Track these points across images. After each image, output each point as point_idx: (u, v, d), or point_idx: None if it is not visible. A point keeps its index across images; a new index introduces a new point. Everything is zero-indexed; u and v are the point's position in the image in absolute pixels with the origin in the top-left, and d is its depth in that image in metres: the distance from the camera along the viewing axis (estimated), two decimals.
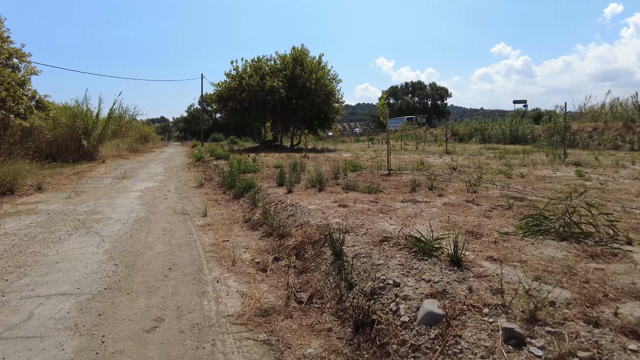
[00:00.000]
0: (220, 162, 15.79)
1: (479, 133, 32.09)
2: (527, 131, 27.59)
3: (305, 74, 24.20)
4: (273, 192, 7.49)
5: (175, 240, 5.13)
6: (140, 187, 10.47)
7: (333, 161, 15.17)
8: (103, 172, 14.50)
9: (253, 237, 5.29)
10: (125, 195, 9.08)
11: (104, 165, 18.11)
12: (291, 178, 8.24)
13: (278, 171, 11.25)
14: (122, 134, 32.46)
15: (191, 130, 66.93)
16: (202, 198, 8.62)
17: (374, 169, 11.03)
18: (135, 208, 7.42)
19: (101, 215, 6.78)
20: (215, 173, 12.71)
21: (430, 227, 4.20)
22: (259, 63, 25.63)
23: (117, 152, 26.20)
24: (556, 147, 21.67)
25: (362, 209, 5.21)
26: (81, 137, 21.04)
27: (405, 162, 14.12)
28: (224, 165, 14.19)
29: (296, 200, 6.20)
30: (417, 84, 73.33)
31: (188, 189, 10.17)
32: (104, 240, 5.14)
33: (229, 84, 25.05)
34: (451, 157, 15.75)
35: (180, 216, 6.67)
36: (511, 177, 9.30)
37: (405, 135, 43.68)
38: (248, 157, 17.17)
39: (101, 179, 12.40)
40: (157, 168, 16.39)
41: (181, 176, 13.12)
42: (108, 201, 8.22)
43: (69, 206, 7.61)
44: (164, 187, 10.52)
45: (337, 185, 7.82)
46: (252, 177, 9.86)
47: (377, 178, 9.16)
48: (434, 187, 7.19)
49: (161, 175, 13.57)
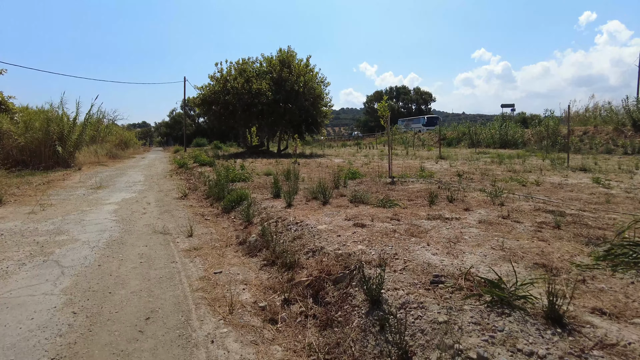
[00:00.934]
0: (205, 169, 14.66)
1: (468, 137, 31.58)
2: (517, 135, 27.15)
3: (293, 77, 23.21)
4: (269, 205, 6.47)
5: (154, 273, 4.07)
6: (116, 198, 9.30)
7: (326, 167, 14.21)
8: (77, 181, 13.21)
9: (252, 266, 4.26)
10: (99, 209, 7.93)
11: (79, 173, 16.76)
12: (289, 189, 7.25)
13: (270, 180, 10.23)
14: (100, 139, 30.90)
15: (173, 135, 65.17)
16: (187, 212, 7.53)
17: (374, 177, 10.11)
18: (108, 226, 6.29)
19: (66, 236, 5.65)
20: (200, 182, 11.59)
21: (485, 256, 3.27)
22: (244, 65, 24.52)
23: (95, 158, 24.72)
24: (548, 150, 21.20)
25: (386, 230, 4.24)
26: (56, 143, 19.60)
27: (402, 168, 13.25)
28: (210, 172, 13.09)
29: (300, 217, 5.20)
30: (401, 89, 72.91)
31: (170, 200, 9.06)
32: (64, 274, 4.04)
33: (213, 87, 23.87)
34: (449, 163, 14.95)
35: (161, 237, 5.59)
36: (525, 185, 8.48)
37: (392, 140, 43.08)
38: (235, 164, 16.07)
39: (74, 189, 11.16)
40: (137, 176, 15.15)
41: (163, 185, 11.96)
42: (78, 217, 7.06)
43: (30, 224, 6.44)
44: (143, 198, 9.37)
45: (342, 197, 6.85)
46: (242, 187, 8.81)
47: (381, 187, 8.22)
48: (453, 198, 6.28)
49: (141, 184, 12.38)
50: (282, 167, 14.03)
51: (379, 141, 41.40)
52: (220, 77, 24.30)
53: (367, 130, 70.62)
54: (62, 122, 21.28)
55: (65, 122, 21.62)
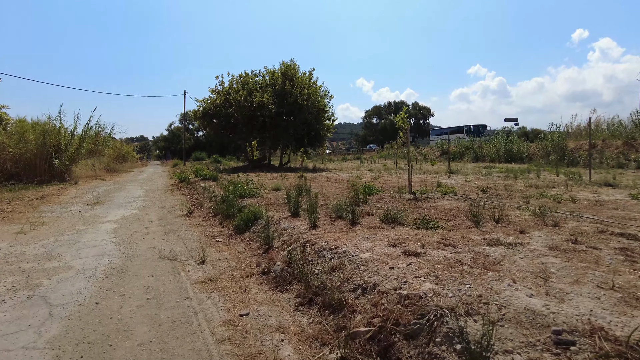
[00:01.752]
0: (208, 183, 13.86)
1: (471, 152, 31.00)
2: (523, 150, 26.57)
3: (296, 90, 22.59)
4: (289, 225, 5.68)
5: (165, 314, 3.26)
6: (115, 216, 8.48)
7: (335, 182, 13.45)
8: (73, 196, 12.37)
9: (284, 304, 3.45)
10: (96, 228, 7.10)
11: (75, 187, 15.91)
12: (307, 206, 6.48)
13: (281, 195, 9.46)
14: (98, 152, 30.07)
15: (172, 149, 64.39)
16: (194, 232, 6.72)
17: (393, 193, 9.35)
18: (107, 249, 5.47)
19: (58, 262, 4.82)
20: (204, 197, 10.79)
21: (599, 299, 2.51)
22: (246, 78, 23.90)
23: (93, 172, 23.88)
24: (556, 165, 20.58)
25: (447, 261, 3.47)
26: (52, 156, 18.76)
27: (415, 182, 12.52)
28: (214, 187, 12.30)
29: (332, 241, 4.42)
30: (399, 104, 72.65)
31: (174, 218, 8.24)
32: (52, 316, 3.22)
33: (214, 100, 23.18)
34: (464, 178, 14.22)
35: (168, 263, 4.77)
36: (561, 202, 7.76)
37: (393, 154, 42.50)
38: (239, 178, 15.29)
39: (69, 204, 10.32)
40: (137, 191, 14.31)
41: (165, 201, 11.14)
42: (72, 238, 6.23)
43: (16, 247, 5.61)
44: (144, 215, 8.55)
45: (369, 216, 6.07)
46: (252, 204, 8.03)
47: (405, 204, 7.46)
48: (499, 218, 5.52)
49: (141, 199, 11.55)
50: (290, 182, 13.27)
51: (381, 155, 40.78)
52: (221, 90, 23.65)
53: (365, 145, 70.19)
54: (60, 134, 20.51)
55: (63, 135, 20.85)
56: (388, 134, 66.20)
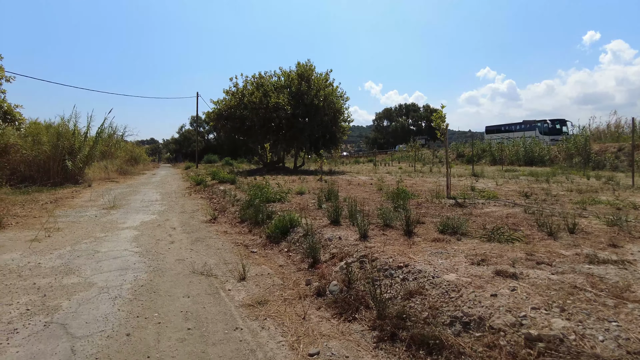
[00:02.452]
0: (226, 186, 13.26)
1: (489, 154, 30.16)
2: (544, 152, 25.69)
3: (312, 91, 21.96)
4: (333, 235, 5.02)
5: (215, 353, 2.60)
6: (134, 221, 7.89)
7: (358, 185, 12.79)
8: (88, 199, 11.84)
9: (358, 340, 2.78)
10: (115, 235, 6.50)
11: (89, 190, 15.41)
12: (350, 212, 5.83)
13: (309, 199, 8.82)
14: (111, 155, 29.73)
15: (183, 152, 64.12)
16: (223, 241, 6.08)
17: (429, 197, 8.67)
18: (130, 262, 4.85)
19: (77, 277, 4.21)
20: (226, 201, 10.17)
21: None
22: (261, 79, 23.35)
23: (106, 174, 23.46)
24: (583, 168, 19.73)
25: (555, 284, 2.78)
26: (65, 158, 18.34)
27: (442, 186, 11.82)
28: (233, 190, 11.70)
29: (397, 257, 3.75)
30: (410, 106, 71.73)
31: (198, 224, 7.63)
32: (75, 354, 2.58)
33: (228, 102, 22.62)
34: (494, 181, 13.46)
35: (204, 280, 4.13)
36: (621, 209, 7.03)
37: (406, 157, 41.73)
38: (256, 181, 14.69)
39: (84, 208, 9.77)
40: (152, 194, 13.77)
41: (184, 205, 10.54)
42: (90, 247, 5.64)
43: (31, 257, 5.02)
44: (165, 221, 7.95)
45: (420, 224, 5.39)
46: (282, 209, 7.40)
47: (449, 211, 6.78)
48: (573, 228, 4.82)
49: (159, 203, 10.98)
50: (311, 185, 12.63)
51: (394, 158, 40.02)
52: (235, 92, 23.09)
53: (377, 147, 69.37)
54: (73, 136, 20.11)
55: (76, 137, 20.45)
56: (399, 136, 65.37)
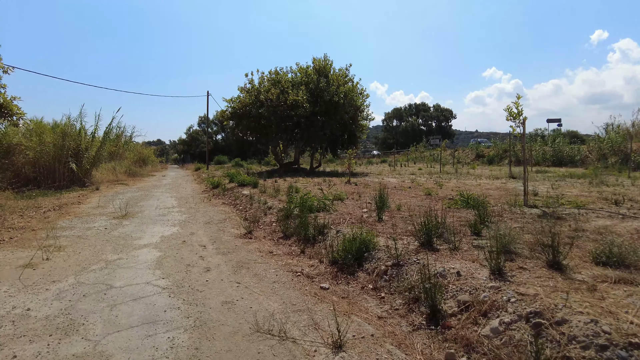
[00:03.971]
0: (250, 190, 11.78)
1: (513, 154, 28.52)
2: (574, 152, 24.05)
3: (332, 87, 20.46)
4: (445, 269, 3.50)
5: None
6: (153, 236, 6.41)
7: (395, 189, 11.27)
8: (95, 206, 10.39)
9: None
10: (132, 258, 5.02)
11: (97, 194, 13.98)
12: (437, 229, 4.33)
13: (355, 207, 7.32)
14: (119, 156, 28.36)
15: (191, 153, 62.76)
16: (276, 268, 4.58)
17: (501, 204, 7.15)
18: (158, 306, 3.35)
19: (82, 342, 2.71)
20: (255, 209, 8.68)
21: None
22: (277, 76, 21.87)
23: (114, 176, 22.07)
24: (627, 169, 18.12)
25: None
26: (69, 160, 16.95)
27: (491, 191, 10.28)
28: (258, 194, 10.21)
29: (601, 318, 2.26)
30: (421, 106, 69.75)
31: (232, 240, 6.13)
32: None
33: (243, 100, 21.14)
34: (551, 185, 11.89)
35: (278, 346, 2.63)
36: None
37: (421, 158, 40.13)
38: (276, 183, 13.23)
39: (92, 217, 8.32)
40: (167, 198, 12.30)
41: (207, 213, 9.05)
42: (100, 278, 4.16)
43: (18, 296, 3.55)
44: (190, 235, 6.47)
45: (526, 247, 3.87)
46: (333, 222, 5.92)
47: (543, 224, 5.26)
48: None
49: (177, 210, 9.50)
50: (342, 189, 11.12)
51: (410, 157, 38.40)
52: (251, 89, 21.62)
53: (385, 148, 67.70)
54: (80, 136, 18.72)
55: (83, 137, 19.07)
56: (409, 136, 63.60)
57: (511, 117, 7.22)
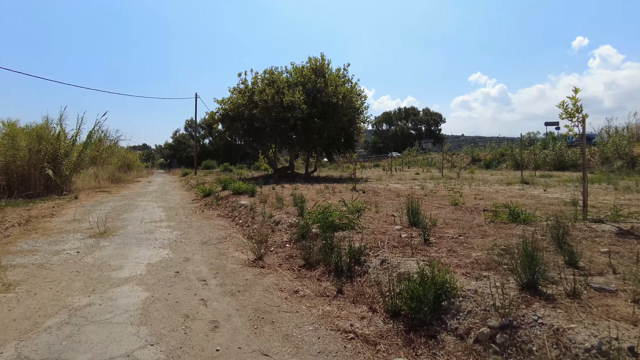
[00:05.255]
0: (247, 200, 10.38)
1: (510, 158, 27.67)
2: (576, 156, 23.23)
3: (330, 88, 19.20)
4: (589, 340, 2.26)
5: None
6: (137, 264, 4.99)
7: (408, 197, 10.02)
8: (70, 219, 8.89)
9: None
10: (108, 302, 3.62)
11: (75, 204, 12.39)
12: (531, 262, 3.07)
13: (382, 221, 6.03)
14: (102, 161, 26.57)
15: (177, 157, 60.77)
16: (310, 320, 3.25)
17: (563, 219, 5.95)
18: None
19: None
20: (260, 224, 7.30)
21: None
22: (272, 75, 20.51)
23: (96, 183, 20.38)
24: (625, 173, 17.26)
25: None
26: (45, 166, 15.30)
27: (507, 197, 9.11)
28: (259, 205, 8.85)
29: None
30: (410, 110, 68.87)
31: (239, 270, 4.76)
32: None
33: (236, 100, 19.73)
34: (572, 193, 10.77)
35: None
36: None
37: (414, 162, 39.16)
38: (274, 191, 11.88)
39: (63, 235, 6.85)
40: (154, 209, 10.81)
41: (202, 229, 7.64)
42: (56, 345, 2.75)
43: None
44: (184, 262, 5.08)
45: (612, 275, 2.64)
46: (368, 245, 4.61)
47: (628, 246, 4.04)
48: None
49: (165, 225, 8.07)
50: (349, 197, 9.83)
51: (404, 162, 37.35)
52: (244, 89, 20.23)
53: (375, 152, 66.72)
54: (59, 140, 17.06)
55: (62, 141, 17.41)
56: (399, 140, 62.76)
57: (567, 115, 6.03)
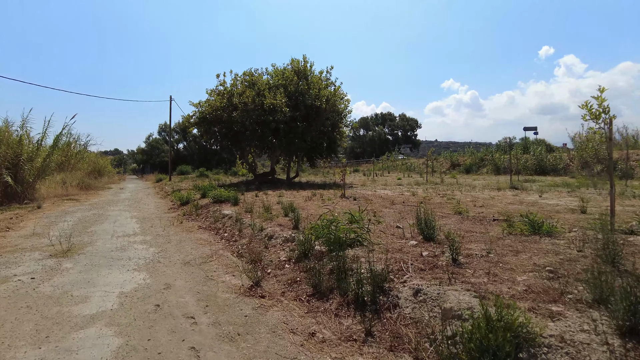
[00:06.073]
0: (229, 209, 9.47)
1: (490, 163, 27.63)
2: (556, 161, 23.31)
3: (314, 91, 18.45)
4: None
5: None
6: (106, 295, 4.05)
7: (404, 205, 9.35)
8: (29, 234, 7.75)
9: None
10: (67, 353, 2.71)
11: (37, 214, 11.12)
12: None
13: (389, 234, 5.29)
14: (70, 166, 24.89)
15: (151, 162, 58.59)
16: None
17: (589, 230, 5.36)
18: None
19: None
20: (250, 237, 6.44)
21: None
22: (252, 77, 19.60)
23: (64, 190, 18.87)
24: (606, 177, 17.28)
25: None
26: (4, 172, 13.90)
27: (505, 204, 8.60)
28: (246, 217, 7.98)
29: None
30: (387, 115, 68.91)
31: (234, 300, 3.89)
32: None
33: (214, 103, 18.69)
34: (581, 200, 10.38)
35: None
36: None
37: (393, 167, 38.89)
38: (257, 198, 11.01)
39: (18, 255, 5.78)
40: (126, 220, 9.73)
41: (182, 245, 6.69)
42: None
43: None
44: (166, 291, 4.17)
45: None
46: (390, 267, 3.86)
47: None
48: None
49: (140, 239, 7.07)
50: (344, 205, 9.08)
51: (384, 166, 36.96)
52: (223, 91, 19.24)
53: (353, 157, 66.38)
54: (20, 144, 15.60)
55: (24, 145, 15.94)
56: (376, 145, 62.64)
57: (591, 117, 5.47)
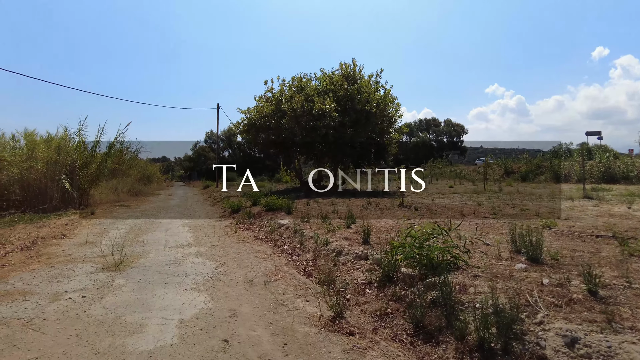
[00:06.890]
0: (285, 219, 8.80)
1: (549, 170, 25.56)
2: (628, 168, 21.08)
3: (364, 95, 17.63)
4: None
5: None
6: (163, 324, 3.37)
7: (474, 216, 8.26)
8: (82, 242, 7.41)
9: None
10: None
11: (90, 220, 10.97)
12: None
13: (495, 260, 4.32)
14: (122, 173, 25.44)
15: (197, 170, 59.92)
16: None
17: None
18: None
19: None
20: (313, 252, 5.69)
21: None
22: (301, 82, 19.10)
23: (115, 196, 19.13)
24: None
25: None
26: (62, 178, 14.06)
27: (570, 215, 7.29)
28: (304, 227, 7.25)
29: None
30: (432, 121, 66.87)
31: (315, 336, 3.09)
32: None
33: (262, 109, 18.32)
34: None
35: None
36: None
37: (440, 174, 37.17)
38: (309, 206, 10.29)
39: (69, 267, 5.33)
40: (179, 228, 9.29)
41: (240, 257, 6.03)
42: None
43: None
44: (231, 321, 3.45)
45: None
46: (505, 297, 2.93)
47: None
48: None
49: (195, 251, 6.50)
50: (404, 215, 8.14)
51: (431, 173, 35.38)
52: (270, 98, 18.84)
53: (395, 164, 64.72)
54: (78, 151, 15.86)
55: (82, 152, 16.21)
56: (420, 152, 60.75)
57: None
